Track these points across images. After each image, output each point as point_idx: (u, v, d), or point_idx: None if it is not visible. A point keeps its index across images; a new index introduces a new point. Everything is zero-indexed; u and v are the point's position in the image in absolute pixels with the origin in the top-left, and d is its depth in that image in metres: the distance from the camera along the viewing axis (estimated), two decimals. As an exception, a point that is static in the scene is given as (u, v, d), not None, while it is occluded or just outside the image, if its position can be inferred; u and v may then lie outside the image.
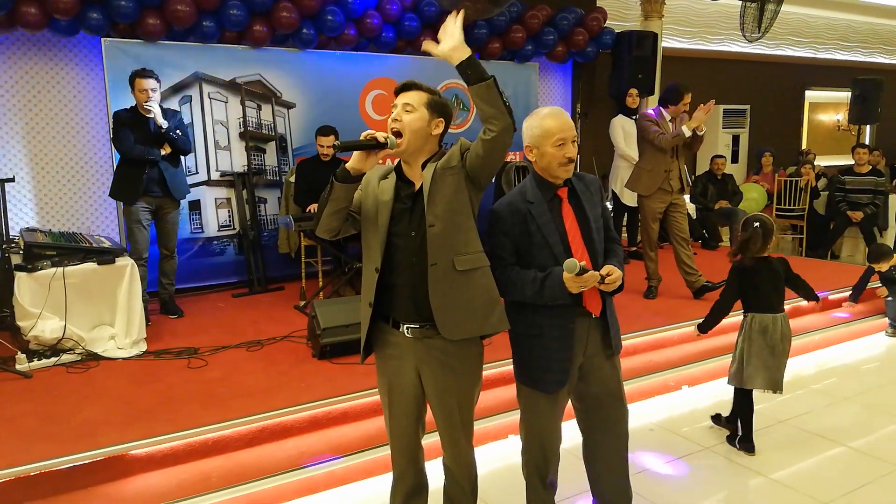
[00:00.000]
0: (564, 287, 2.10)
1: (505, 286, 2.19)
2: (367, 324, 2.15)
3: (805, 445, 3.38)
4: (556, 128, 2.16)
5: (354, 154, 2.04)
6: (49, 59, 5.08)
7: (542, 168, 2.22)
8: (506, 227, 2.20)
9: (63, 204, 5.23)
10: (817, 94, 10.53)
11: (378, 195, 2.11)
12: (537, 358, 2.23)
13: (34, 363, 3.71)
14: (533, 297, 2.16)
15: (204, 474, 2.87)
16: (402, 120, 2.05)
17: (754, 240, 3.16)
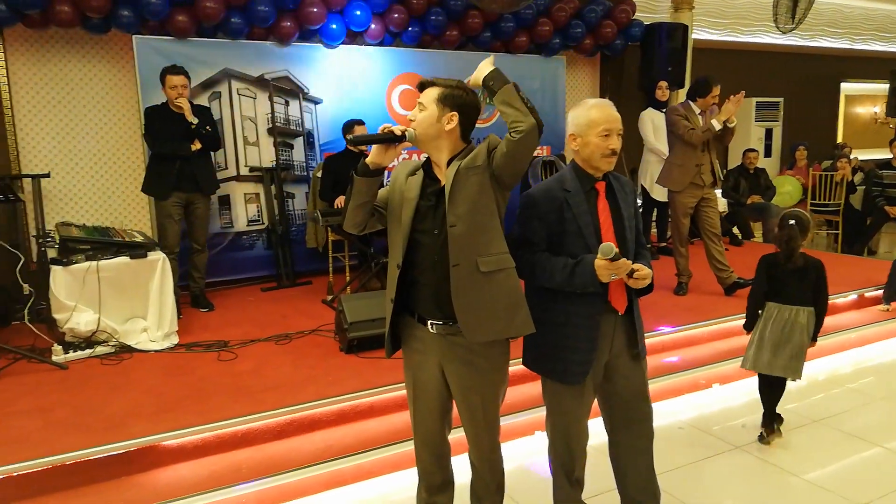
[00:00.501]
0: (595, 275, 2.08)
1: (534, 271, 2.17)
2: (389, 319, 2.16)
3: (840, 445, 3.30)
4: (603, 118, 2.14)
5: (373, 148, 2.03)
6: (82, 56, 5.18)
7: (583, 158, 2.20)
8: (540, 211, 2.18)
9: (97, 199, 5.33)
10: (853, 86, 10.26)
11: (404, 191, 2.11)
12: (560, 346, 2.21)
13: (69, 355, 3.79)
14: (562, 282, 2.13)
15: (234, 465, 2.91)
16: (415, 119, 2.06)
17: (792, 237, 3.12)
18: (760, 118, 8.88)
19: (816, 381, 4.13)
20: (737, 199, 7.37)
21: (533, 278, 2.19)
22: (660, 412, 3.61)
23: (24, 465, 2.68)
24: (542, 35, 6.55)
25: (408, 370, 2.23)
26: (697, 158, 4.83)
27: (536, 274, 2.18)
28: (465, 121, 2.07)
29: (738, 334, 4.47)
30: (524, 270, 2.18)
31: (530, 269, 2.18)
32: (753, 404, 3.78)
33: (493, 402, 2.17)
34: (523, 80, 6.65)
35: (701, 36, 8.26)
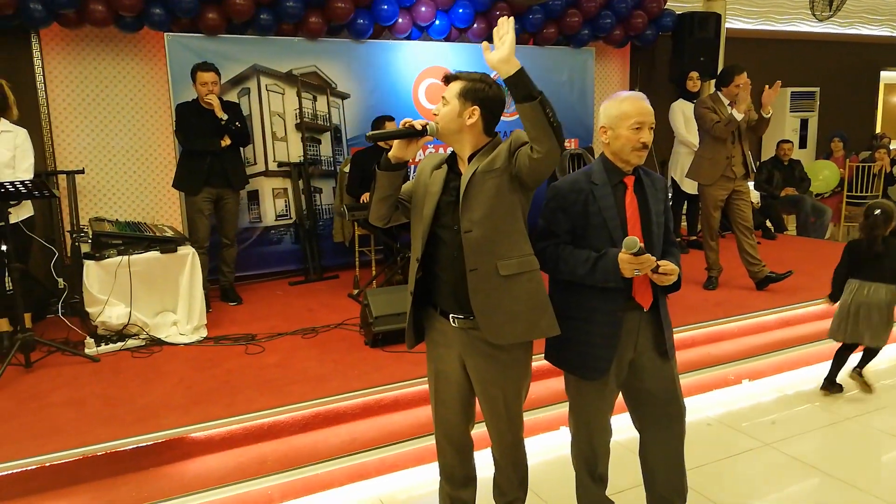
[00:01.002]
0: (618, 269, 2.04)
1: (556, 263, 2.15)
2: (410, 311, 2.16)
3: (873, 443, 3.22)
4: (635, 111, 2.11)
5: (395, 142, 2.03)
6: (115, 54, 5.27)
7: (613, 151, 2.16)
8: (565, 203, 2.16)
9: (129, 194, 5.44)
10: (893, 74, 9.94)
11: (428, 185, 2.10)
12: (581, 342, 2.18)
13: (101, 347, 3.87)
14: (584, 276, 2.11)
15: (260, 457, 2.94)
16: (438, 113, 2.06)
17: (876, 225, 3.52)
18: (795, 108, 8.66)
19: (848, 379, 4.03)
20: (770, 191, 7.21)
21: (556, 271, 2.17)
22: (688, 408, 3.54)
23: (58, 456, 2.74)
24: (570, 26, 6.47)
25: (430, 363, 2.23)
26: (727, 151, 4.73)
27: (559, 267, 2.15)
28: (487, 115, 2.05)
29: (769, 329, 4.40)
30: (548, 263, 2.16)
31: (554, 262, 2.15)
32: (783, 400, 3.72)
33: (516, 396, 2.16)
34: (551, 72, 6.62)
35: (734, 25, 8.08)
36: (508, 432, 2.18)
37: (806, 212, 7.15)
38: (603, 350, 2.16)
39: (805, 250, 6.29)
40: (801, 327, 4.46)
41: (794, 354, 4.17)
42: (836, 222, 7.75)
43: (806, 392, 3.82)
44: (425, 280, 2.11)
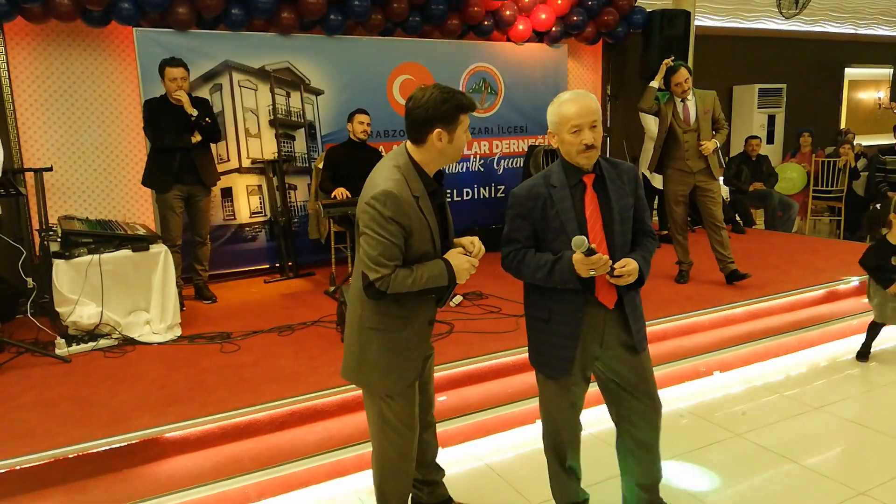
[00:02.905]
0: (574, 270, 2.06)
1: (518, 269, 2.20)
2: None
3: (841, 432, 3.31)
4: (573, 114, 2.09)
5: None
6: (82, 49, 5.17)
7: (566, 154, 2.17)
8: (524, 210, 2.17)
9: (99, 192, 5.35)
10: (857, 71, 10.17)
11: (423, 216, 2.05)
12: (543, 342, 2.24)
13: (73, 348, 3.81)
14: (543, 279, 2.14)
15: (236, 457, 2.93)
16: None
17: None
18: (763, 105, 8.82)
19: (818, 367, 4.14)
20: (739, 186, 7.35)
21: (519, 276, 2.22)
22: (661, 399, 3.64)
23: (29, 459, 2.70)
24: (543, 23, 6.51)
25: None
26: (678, 146, 4.82)
27: (521, 272, 2.20)
28: (450, 127, 2.05)
29: (738, 322, 4.50)
30: (511, 269, 2.22)
31: (516, 268, 2.20)
32: (754, 391, 3.80)
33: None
34: (525, 69, 6.66)
35: (703, 22, 8.20)
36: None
37: (774, 206, 7.31)
38: (564, 350, 2.20)
39: (773, 244, 6.43)
40: (769, 319, 4.56)
41: (762, 346, 4.26)
42: (803, 216, 7.93)
43: (774, 383, 3.91)
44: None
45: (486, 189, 6.68)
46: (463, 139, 2.07)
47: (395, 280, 2.00)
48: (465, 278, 2.09)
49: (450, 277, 2.06)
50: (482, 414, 3.35)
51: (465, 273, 2.08)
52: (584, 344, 2.21)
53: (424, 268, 2.04)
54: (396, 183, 2.00)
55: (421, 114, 2.01)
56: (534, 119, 6.79)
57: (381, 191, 1.98)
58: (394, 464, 2.25)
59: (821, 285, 4.95)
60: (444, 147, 2.04)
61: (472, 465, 3.06)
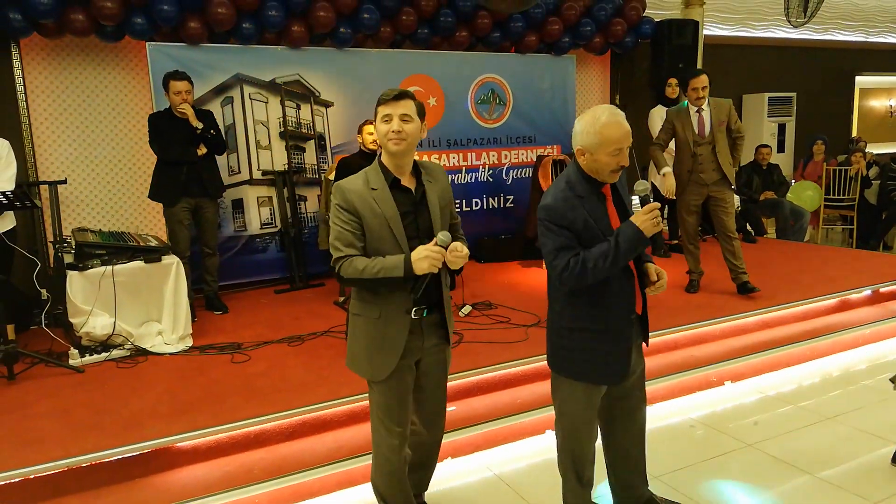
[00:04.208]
0: (639, 230, 2.10)
1: (584, 270, 2.13)
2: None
3: (855, 443, 3.27)
4: (617, 137, 2.13)
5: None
6: (96, 64, 5.25)
7: (591, 171, 2.21)
8: (566, 221, 2.17)
9: (112, 204, 5.41)
10: (868, 79, 10.14)
11: (377, 209, 2.17)
12: (597, 350, 2.26)
13: (86, 358, 3.85)
14: (613, 261, 2.11)
15: (246, 466, 2.94)
16: (403, 130, 2.15)
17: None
18: (773, 113, 8.80)
19: (831, 377, 4.11)
20: (749, 195, 7.32)
21: (583, 278, 2.14)
22: (671, 410, 3.63)
23: (43, 467, 2.72)
24: (551, 34, 6.55)
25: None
26: (690, 158, 4.79)
27: (586, 272, 2.13)
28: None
29: (750, 331, 4.48)
30: (575, 273, 2.14)
31: (581, 270, 2.12)
32: (766, 401, 3.77)
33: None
34: (533, 79, 6.69)
35: (712, 32, 8.21)
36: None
37: (785, 215, 7.27)
38: (623, 356, 2.28)
39: (784, 253, 6.39)
40: (782, 329, 4.54)
41: (774, 356, 4.23)
42: (815, 225, 7.88)
43: (786, 393, 3.88)
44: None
45: (495, 199, 6.69)
46: (380, 127, 2.20)
47: (350, 265, 2.15)
48: (424, 267, 2.09)
49: (406, 269, 2.10)
50: (491, 424, 3.34)
51: (423, 261, 2.09)
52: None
53: (382, 260, 2.15)
54: (352, 178, 2.24)
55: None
56: (542, 129, 6.81)
57: (334, 185, 2.24)
58: (381, 454, 2.35)
59: (833, 294, 4.91)
60: (376, 136, 2.25)
61: (482, 475, 3.06)
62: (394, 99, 2.16)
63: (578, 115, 7.15)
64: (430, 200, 2.26)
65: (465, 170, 6.51)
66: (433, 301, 2.29)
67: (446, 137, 6.38)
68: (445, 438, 3.16)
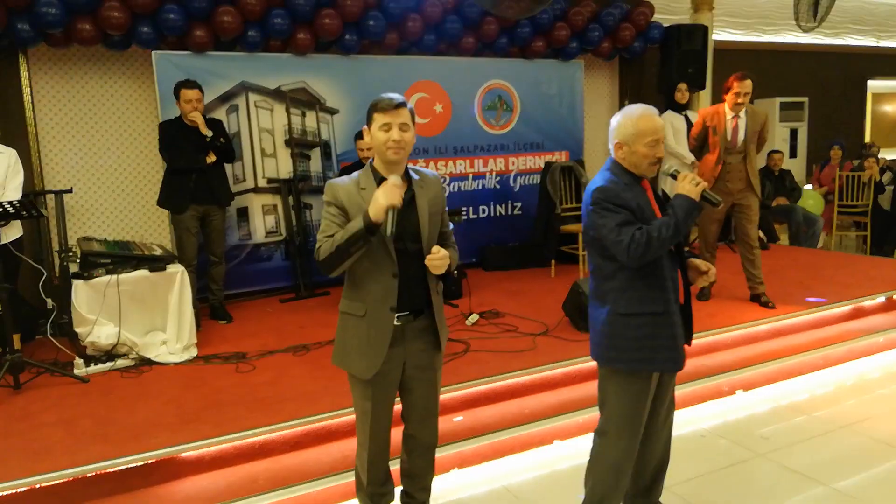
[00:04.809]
0: (688, 196, 2.22)
1: (649, 240, 2.15)
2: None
3: (871, 453, 3.20)
4: (652, 128, 2.24)
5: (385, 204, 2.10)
6: (103, 73, 5.27)
7: (630, 164, 2.29)
8: (622, 200, 2.23)
9: (117, 213, 5.41)
10: (881, 83, 10.04)
11: (361, 206, 2.18)
12: (660, 335, 2.27)
13: (91, 368, 3.83)
14: (675, 230, 2.18)
15: (251, 477, 2.91)
16: (403, 139, 2.19)
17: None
18: (785, 119, 8.72)
19: (845, 385, 4.03)
20: (762, 201, 7.23)
21: (648, 250, 2.16)
22: (682, 419, 3.56)
23: (47, 477, 2.71)
24: (559, 40, 6.51)
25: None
26: (719, 166, 4.68)
27: (652, 242, 2.16)
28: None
29: (762, 340, 4.41)
30: (642, 244, 2.16)
31: (647, 240, 2.16)
32: (778, 411, 3.70)
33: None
34: (541, 85, 6.66)
35: (722, 37, 8.16)
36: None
37: (798, 221, 7.19)
38: (680, 341, 2.32)
39: (797, 260, 6.31)
40: (794, 337, 4.47)
41: (787, 364, 4.16)
42: (828, 231, 7.79)
43: (799, 402, 3.81)
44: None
45: (503, 206, 6.65)
46: (378, 135, 2.20)
47: (324, 245, 2.19)
48: (382, 203, 2.08)
49: (365, 217, 2.10)
50: (499, 434, 3.29)
51: (378, 201, 2.08)
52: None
53: (346, 226, 2.18)
54: (344, 178, 2.31)
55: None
56: (550, 135, 6.77)
57: (326, 182, 2.34)
58: (359, 447, 2.44)
59: (847, 301, 4.83)
60: (370, 143, 2.26)
61: (489, 486, 3.01)
62: (395, 108, 2.18)
63: (586, 120, 7.14)
64: (418, 204, 2.26)
65: (471, 177, 6.48)
66: (419, 305, 2.28)
67: (453, 144, 6.35)
68: (452, 449, 3.15)
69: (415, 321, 2.30)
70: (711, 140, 4.75)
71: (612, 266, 2.27)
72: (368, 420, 2.35)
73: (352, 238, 2.12)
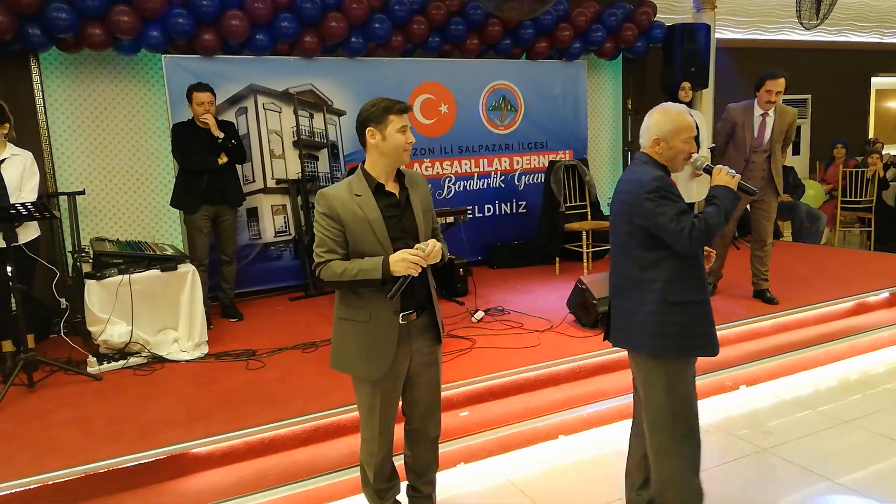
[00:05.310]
0: (727, 187, 2.37)
1: (707, 230, 2.26)
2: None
3: (874, 448, 3.23)
4: (688, 125, 2.36)
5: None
6: (113, 76, 5.34)
7: (666, 159, 2.39)
8: (676, 190, 2.33)
9: (129, 214, 5.49)
10: (884, 80, 10.03)
11: (361, 213, 2.24)
12: (701, 323, 2.36)
13: (104, 366, 3.90)
14: (725, 215, 2.31)
15: (261, 472, 2.97)
16: (412, 140, 2.29)
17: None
18: (788, 116, 8.71)
19: (849, 381, 4.06)
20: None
21: (708, 237, 2.27)
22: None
23: (60, 474, 2.76)
24: (562, 40, 6.56)
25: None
26: (743, 163, 4.62)
27: (712, 226, 2.27)
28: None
29: (766, 335, 4.44)
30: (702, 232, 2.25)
31: (706, 229, 2.26)
32: (781, 406, 3.73)
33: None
34: (544, 86, 6.70)
35: (724, 35, 8.18)
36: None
37: (801, 218, 7.20)
38: (713, 325, 2.41)
39: (801, 256, 6.33)
40: (798, 332, 4.49)
41: (790, 359, 4.20)
42: (832, 227, 7.80)
43: (803, 397, 3.85)
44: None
45: (508, 205, 6.70)
46: (398, 137, 2.23)
47: (329, 268, 2.22)
48: (402, 269, 2.16)
49: (385, 271, 2.16)
50: (504, 429, 3.34)
51: (401, 263, 2.16)
52: None
53: (360, 262, 2.21)
54: (335, 186, 2.31)
55: (357, 119, 2.28)
56: (554, 135, 6.82)
57: (317, 193, 2.30)
58: (366, 444, 2.48)
59: (850, 297, 4.85)
60: (378, 144, 2.24)
61: (494, 480, 3.06)
62: (407, 111, 2.28)
63: (590, 120, 7.17)
64: (413, 204, 2.34)
65: (476, 176, 6.53)
66: (421, 303, 2.36)
67: (458, 144, 6.41)
68: (458, 444, 3.20)
69: (418, 318, 2.36)
70: (738, 137, 4.67)
71: (655, 255, 2.32)
72: (377, 417, 2.39)
73: (365, 281, 2.19)
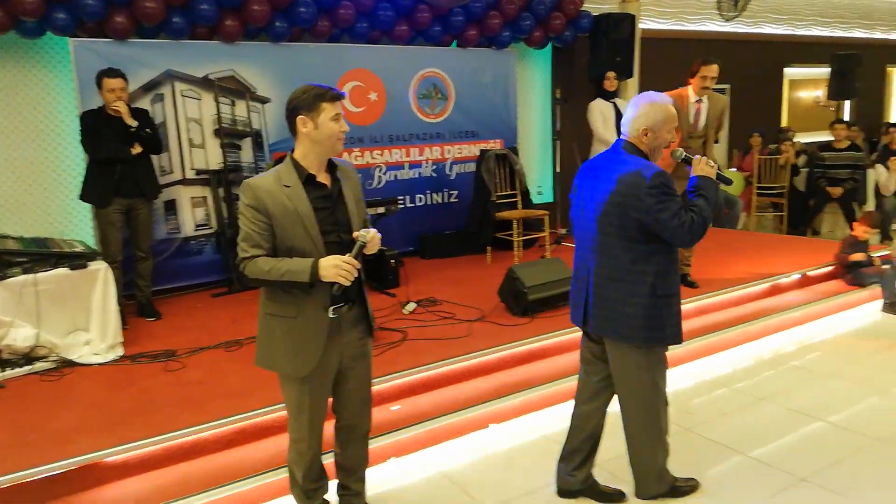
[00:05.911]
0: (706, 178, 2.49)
1: (703, 217, 2.38)
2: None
3: (784, 421, 3.40)
4: (674, 116, 2.45)
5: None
6: (16, 61, 4.99)
7: (650, 149, 2.46)
8: (674, 186, 2.40)
9: (34, 209, 5.15)
10: (796, 70, 10.52)
11: (290, 206, 2.16)
12: (676, 313, 2.49)
13: (7, 372, 3.65)
14: (713, 206, 2.43)
15: (182, 478, 2.85)
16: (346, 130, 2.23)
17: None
18: (708, 105, 9.01)
19: (763, 359, 4.25)
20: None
21: (704, 224, 2.38)
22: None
23: (-41, 490, 2.58)
24: (491, 28, 6.55)
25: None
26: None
27: (704, 217, 2.39)
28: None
29: (686, 318, 4.56)
30: (699, 223, 2.38)
31: (702, 218, 2.38)
32: (701, 386, 3.88)
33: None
34: (475, 74, 6.68)
35: (648, 25, 8.36)
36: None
37: (719, 203, 7.48)
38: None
39: (719, 241, 6.56)
40: (716, 315, 4.67)
41: (710, 341, 4.35)
42: (748, 212, 8.14)
43: (721, 377, 4.00)
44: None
45: (439, 195, 6.67)
46: (331, 126, 2.16)
47: (255, 265, 2.14)
48: (332, 275, 2.10)
49: (313, 275, 2.10)
50: (435, 421, 3.32)
51: (331, 269, 2.10)
52: None
53: (289, 261, 2.13)
54: (262, 176, 2.21)
55: (287, 107, 2.19)
56: (484, 123, 6.82)
57: (242, 183, 2.19)
58: (294, 444, 2.42)
59: (765, 279, 5.08)
60: (310, 132, 2.16)
61: (425, 473, 3.05)
62: (340, 98, 2.20)
63: (520, 109, 7.20)
64: (346, 196, 2.27)
65: (408, 165, 6.47)
66: (352, 296, 2.29)
67: (388, 133, 6.32)
68: (390, 438, 3.17)
69: (349, 311, 2.30)
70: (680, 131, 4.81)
71: (649, 248, 2.40)
72: (307, 415, 2.33)
73: (292, 283, 2.12)
